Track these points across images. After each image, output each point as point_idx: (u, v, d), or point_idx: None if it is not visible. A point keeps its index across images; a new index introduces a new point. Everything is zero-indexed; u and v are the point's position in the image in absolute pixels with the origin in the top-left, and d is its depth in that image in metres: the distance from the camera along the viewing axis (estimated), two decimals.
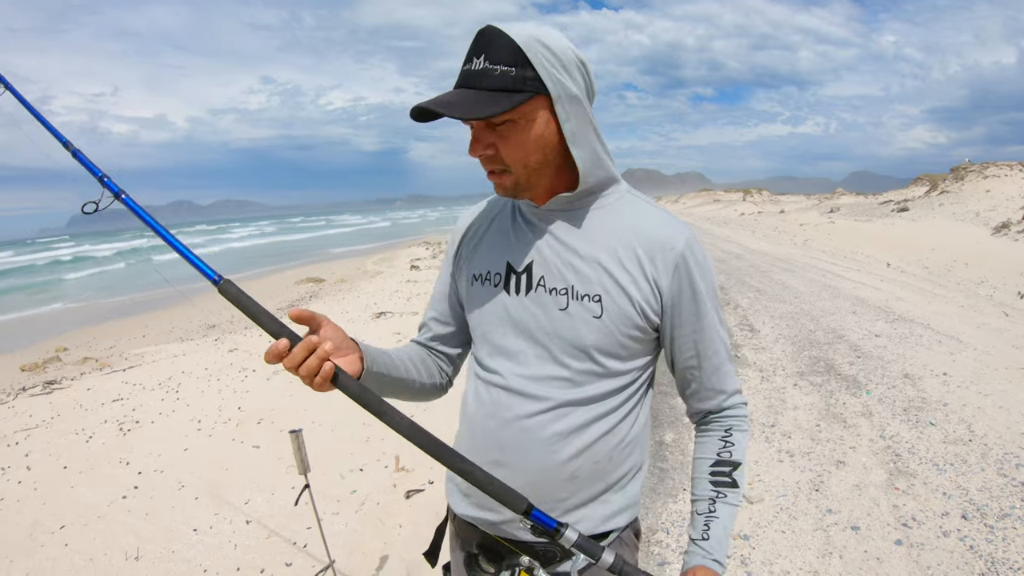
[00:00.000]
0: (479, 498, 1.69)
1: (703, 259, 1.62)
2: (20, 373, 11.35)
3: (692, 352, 1.66)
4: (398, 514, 4.64)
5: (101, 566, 4.25)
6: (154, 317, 16.36)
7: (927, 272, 15.08)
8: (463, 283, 1.83)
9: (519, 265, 1.67)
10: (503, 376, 1.67)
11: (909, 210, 31.65)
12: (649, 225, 1.60)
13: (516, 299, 1.66)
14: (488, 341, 1.73)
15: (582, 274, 1.58)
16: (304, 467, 3.26)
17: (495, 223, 1.79)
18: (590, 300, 1.57)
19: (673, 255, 1.57)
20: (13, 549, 4.53)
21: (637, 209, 1.64)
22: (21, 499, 5.33)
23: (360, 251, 36.50)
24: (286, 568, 4.09)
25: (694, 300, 1.60)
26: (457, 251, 1.87)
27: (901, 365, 7.47)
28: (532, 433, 1.62)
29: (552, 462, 1.60)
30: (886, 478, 4.82)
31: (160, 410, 7.50)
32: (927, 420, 5.82)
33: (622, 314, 1.57)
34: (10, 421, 7.66)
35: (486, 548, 1.75)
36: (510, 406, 1.65)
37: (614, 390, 1.64)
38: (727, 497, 1.65)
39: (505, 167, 1.54)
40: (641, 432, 1.74)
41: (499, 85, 1.42)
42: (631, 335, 1.60)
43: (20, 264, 49.55)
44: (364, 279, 20.40)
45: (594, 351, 1.59)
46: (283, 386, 7.88)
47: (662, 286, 1.58)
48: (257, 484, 5.27)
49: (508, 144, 1.50)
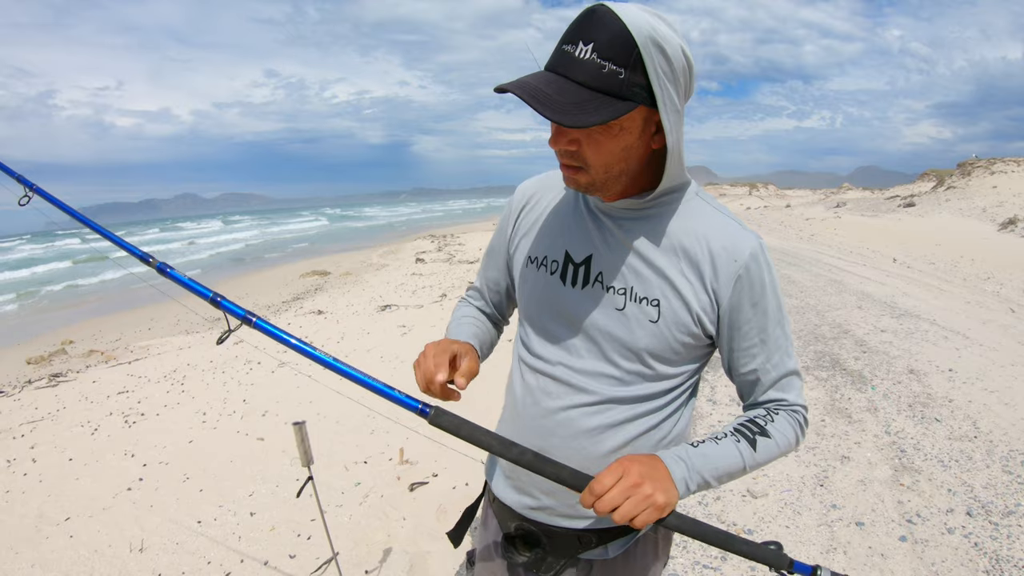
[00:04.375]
0: (521, 482, 1.73)
1: (768, 271, 1.56)
2: (26, 366, 11.39)
3: (751, 367, 1.63)
4: (402, 507, 4.63)
5: (106, 558, 4.26)
6: (159, 310, 16.34)
7: (933, 268, 15.02)
8: (517, 261, 1.81)
9: (578, 256, 1.63)
10: (550, 364, 1.67)
11: (915, 205, 31.55)
12: (714, 233, 1.54)
13: (572, 291, 1.63)
14: (538, 327, 1.72)
15: (643, 277, 1.55)
16: (307, 459, 3.24)
17: (557, 203, 1.75)
18: (648, 304, 1.55)
19: (736, 267, 1.52)
20: (19, 541, 4.53)
21: (704, 215, 1.58)
22: (27, 491, 5.34)
23: (365, 244, 36.45)
24: (290, 560, 4.10)
25: (755, 313, 1.56)
26: (515, 222, 1.84)
27: (907, 360, 7.44)
28: (575, 424, 1.63)
29: (593, 454, 1.61)
30: (891, 474, 4.81)
31: (165, 402, 7.51)
32: (932, 416, 5.80)
33: (678, 321, 1.54)
34: (16, 414, 7.67)
35: (523, 532, 1.76)
36: (555, 395, 1.65)
37: (660, 392, 1.63)
38: (740, 443, 1.55)
39: (584, 166, 1.45)
40: (682, 433, 1.73)
41: (604, 86, 1.30)
42: (684, 342, 1.57)
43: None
44: (369, 272, 20.42)
45: (646, 354, 1.57)
46: (288, 379, 7.88)
47: (721, 297, 1.54)
48: (261, 476, 5.27)
49: (595, 148, 1.41)
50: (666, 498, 1.39)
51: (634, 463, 1.41)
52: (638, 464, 1.41)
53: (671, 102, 1.35)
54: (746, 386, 1.67)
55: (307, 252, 34.31)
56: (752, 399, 1.68)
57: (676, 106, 1.37)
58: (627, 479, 1.38)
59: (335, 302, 13.82)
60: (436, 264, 19.60)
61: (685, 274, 1.53)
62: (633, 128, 1.39)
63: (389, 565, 3.96)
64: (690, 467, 1.48)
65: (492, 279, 1.97)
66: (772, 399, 1.65)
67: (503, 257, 1.91)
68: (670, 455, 1.49)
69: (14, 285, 28.28)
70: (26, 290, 25.98)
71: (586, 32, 1.29)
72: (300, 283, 19.67)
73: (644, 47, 1.28)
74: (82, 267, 31.80)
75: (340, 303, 13.55)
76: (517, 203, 1.85)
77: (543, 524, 1.72)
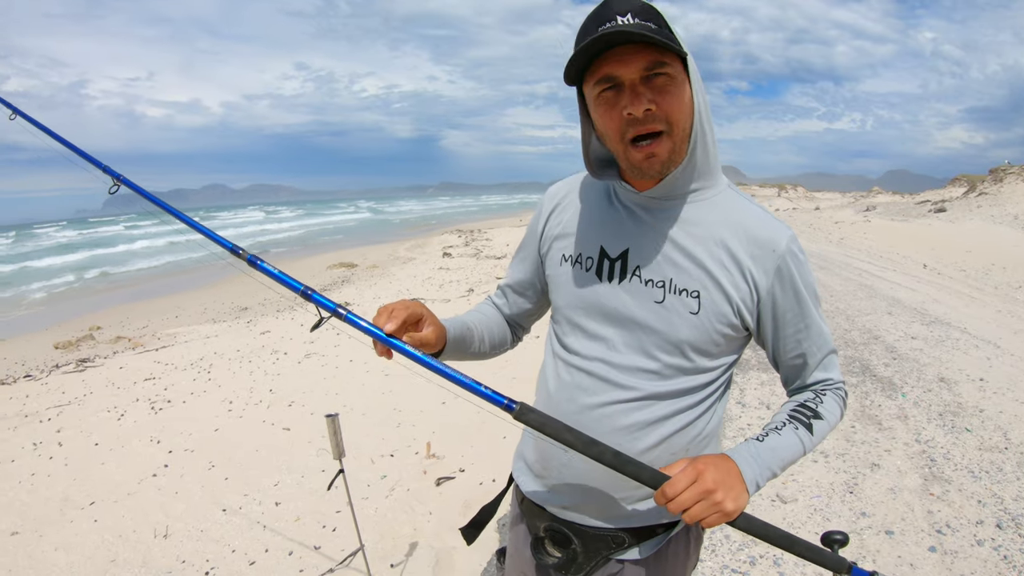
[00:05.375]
0: (552, 481, 1.72)
1: (803, 259, 1.59)
2: (54, 350, 11.47)
3: (797, 351, 1.65)
4: (428, 501, 4.62)
5: (130, 543, 4.27)
6: (187, 298, 16.48)
7: (964, 275, 14.87)
8: (551, 261, 1.80)
9: (614, 251, 1.63)
10: (588, 360, 1.66)
11: (947, 211, 31.25)
12: (751, 224, 1.56)
13: (609, 286, 1.63)
14: (574, 324, 1.71)
15: (681, 268, 1.55)
16: (339, 452, 3.23)
17: (588, 202, 1.74)
18: (688, 295, 1.54)
19: (775, 257, 1.54)
20: (43, 524, 4.56)
21: (739, 206, 1.59)
22: (52, 474, 5.38)
23: (393, 237, 36.52)
24: (315, 551, 4.08)
25: (797, 301, 1.58)
26: (545, 223, 1.84)
27: (937, 368, 7.34)
28: (612, 421, 1.61)
29: (629, 451, 1.55)
30: (921, 483, 4.73)
31: (192, 390, 7.54)
32: (963, 426, 5.71)
33: (719, 312, 1.54)
34: (43, 397, 7.74)
35: (554, 532, 1.75)
36: (593, 391, 1.64)
37: (698, 386, 1.62)
38: (798, 430, 1.58)
39: (666, 126, 1.44)
40: (716, 430, 1.73)
41: (659, 34, 1.34)
42: (725, 333, 1.57)
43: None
44: (396, 265, 20.45)
45: (687, 346, 1.57)
46: (315, 369, 7.90)
47: (761, 288, 1.55)
48: (287, 466, 5.27)
49: (669, 98, 1.41)
50: (735, 505, 1.40)
51: (709, 467, 1.40)
52: (713, 469, 1.41)
53: (694, 64, 1.44)
54: (793, 370, 1.70)
55: (334, 244, 34.42)
56: (799, 382, 1.71)
57: (696, 71, 1.45)
58: (700, 484, 1.37)
59: (362, 294, 13.83)
60: (463, 259, 19.60)
61: (724, 265, 1.53)
62: (683, 80, 1.43)
63: (415, 559, 3.94)
64: (760, 464, 1.50)
65: (517, 280, 1.96)
66: (818, 380, 1.69)
67: (532, 259, 1.90)
68: (742, 454, 1.50)
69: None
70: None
71: (615, 9, 1.36)
72: (327, 274, 19.72)
73: (662, 12, 1.37)
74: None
75: (367, 295, 13.56)
76: (547, 204, 1.85)
77: (575, 524, 1.71)
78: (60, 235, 60.14)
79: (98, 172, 1.93)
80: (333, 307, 1.51)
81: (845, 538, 1.49)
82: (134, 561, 4.08)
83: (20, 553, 4.23)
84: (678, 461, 1.44)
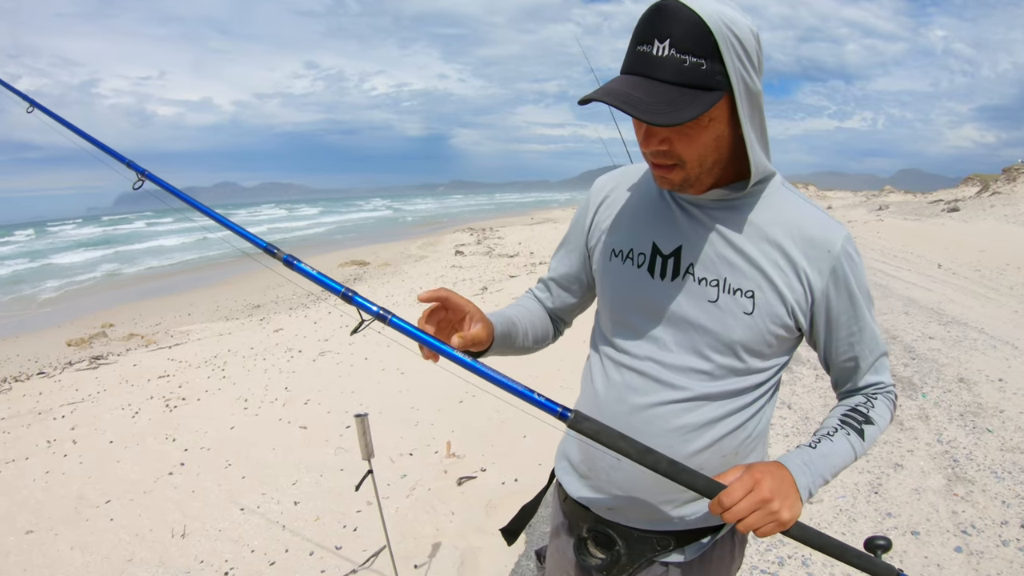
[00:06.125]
0: (598, 481, 1.67)
1: (858, 261, 1.54)
2: (67, 348, 11.48)
3: (850, 355, 1.60)
4: (450, 501, 4.57)
5: (147, 542, 4.24)
6: (199, 295, 16.51)
7: (979, 275, 14.76)
8: (599, 255, 1.73)
9: (666, 248, 1.58)
10: (638, 359, 1.61)
11: (960, 210, 31.11)
12: (806, 223, 1.51)
13: (661, 284, 1.57)
14: (623, 321, 1.65)
15: (736, 267, 1.50)
16: (368, 452, 3.20)
17: (639, 195, 1.68)
18: (742, 295, 1.50)
19: (830, 257, 1.49)
20: (58, 522, 4.55)
21: (792, 205, 1.54)
22: (67, 472, 5.37)
23: (404, 235, 36.55)
24: (336, 552, 4.05)
25: (851, 303, 1.53)
26: (593, 216, 1.77)
27: (956, 369, 7.29)
28: (663, 422, 1.56)
29: (680, 453, 1.52)
30: (944, 483, 4.69)
31: (206, 387, 7.53)
32: (984, 426, 5.66)
33: (773, 313, 1.50)
34: (56, 395, 7.74)
35: (597, 533, 1.70)
36: (643, 391, 1.59)
37: (750, 387, 1.58)
38: (850, 435, 1.53)
39: (678, 162, 1.41)
40: (765, 431, 1.69)
41: (689, 80, 1.28)
42: (778, 334, 1.53)
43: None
44: (408, 263, 20.46)
45: (740, 347, 1.52)
46: (330, 367, 7.88)
47: (815, 288, 1.50)
48: (305, 465, 5.24)
49: (688, 143, 1.37)
50: (791, 514, 1.37)
51: (765, 476, 1.37)
52: (769, 478, 1.37)
53: (748, 88, 1.35)
54: (845, 373, 1.65)
55: (346, 242, 34.45)
56: (850, 385, 1.67)
57: (754, 89, 1.36)
58: (757, 493, 1.34)
59: (374, 292, 13.80)
60: (475, 257, 19.59)
61: (779, 265, 1.49)
62: (722, 116, 1.36)
63: (439, 560, 3.90)
64: (813, 472, 1.46)
65: (563, 275, 1.90)
66: (870, 383, 1.64)
67: (579, 253, 1.84)
68: (795, 462, 1.46)
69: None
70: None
71: (660, 29, 1.28)
72: (339, 272, 19.73)
73: (720, 33, 1.27)
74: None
75: (380, 293, 13.54)
76: (595, 197, 1.79)
77: (619, 526, 1.67)
78: (79, 232, 60.36)
79: (121, 167, 1.90)
80: (377, 311, 1.45)
81: (888, 543, 1.47)
82: (151, 561, 4.06)
83: (35, 552, 4.21)
84: (731, 469, 1.41)
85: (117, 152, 1.91)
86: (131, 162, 1.91)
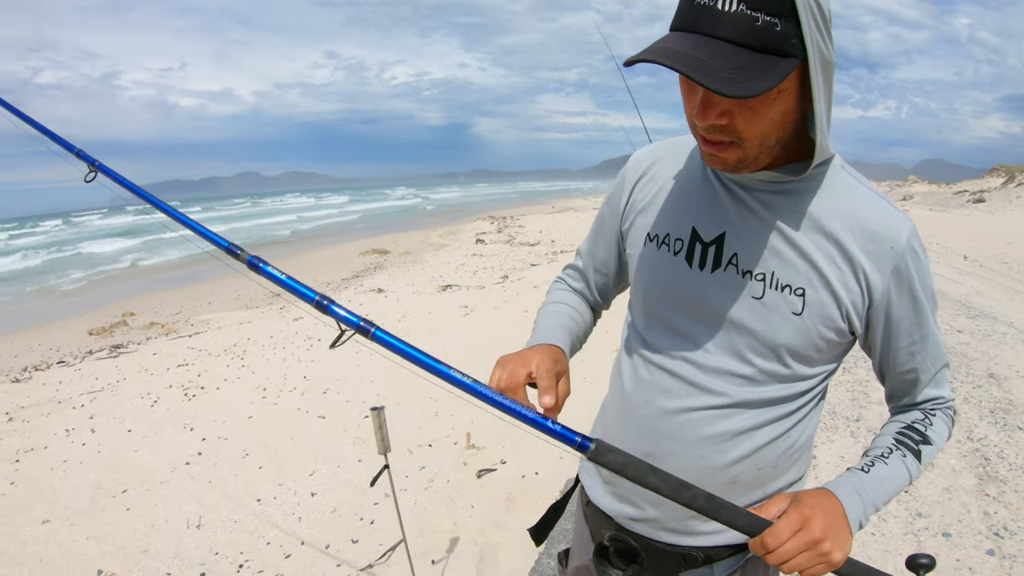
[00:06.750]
0: (623, 488, 1.50)
1: (924, 258, 1.33)
2: (87, 337, 11.51)
3: (910, 366, 1.40)
4: (469, 494, 4.48)
5: (162, 533, 4.19)
6: (219, 284, 16.49)
7: (1006, 267, 14.51)
8: (633, 239, 1.55)
9: (708, 234, 1.38)
10: (671, 359, 1.44)
11: (985, 201, 30.79)
12: (867, 214, 1.30)
13: (700, 275, 1.39)
14: (656, 315, 1.48)
15: (786, 261, 1.31)
16: (385, 446, 3.05)
17: (680, 174, 1.48)
18: (791, 293, 1.31)
19: (893, 254, 1.28)
20: (75, 512, 4.51)
21: (854, 192, 1.33)
22: (84, 461, 5.33)
23: (424, 224, 36.54)
24: (352, 545, 3.97)
25: (914, 308, 1.33)
26: (629, 195, 1.57)
27: (986, 364, 7.10)
28: (696, 428, 1.40)
29: (713, 463, 1.39)
30: (976, 483, 4.54)
31: (225, 376, 7.49)
32: (1015, 424, 5.49)
33: (825, 315, 1.31)
34: (76, 383, 7.72)
35: (619, 542, 1.53)
36: (675, 395, 1.42)
37: (794, 395, 1.39)
38: (906, 457, 1.34)
39: (736, 140, 1.19)
40: (809, 441, 1.51)
41: (762, 42, 1.06)
42: (828, 338, 1.33)
43: None
44: (429, 251, 20.40)
45: (785, 351, 1.34)
46: (349, 357, 7.80)
47: (875, 289, 1.30)
48: (323, 456, 5.18)
49: (751, 117, 1.15)
50: (843, 554, 1.21)
51: (815, 512, 1.21)
52: (820, 514, 1.21)
53: (823, 56, 1.12)
54: (903, 386, 1.45)
55: (367, 230, 34.47)
56: (908, 400, 1.46)
57: (827, 58, 1.13)
58: (807, 533, 1.19)
59: (395, 281, 13.76)
60: (496, 245, 19.50)
61: (835, 260, 1.29)
62: (792, 88, 1.15)
63: (457, 555, 3.80)
64: (865, 500, 1.29)
65: (600, 259, 1.71)
66: (930, 397, 1.44)
67: (614, 235, 1.64)
68: (846, 490, 1.29)
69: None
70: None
71: None
72: (359, 261, 19.71)
73: None
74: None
75: (400, 282, 13.49)
76: (632, 173, 1.58)
77: (644, 538, 1.51)
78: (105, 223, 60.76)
79: (71, 157, 1.67)
80: (357, 322, 1.28)
81: (932, 562, 1.31)
82: (166, 552, 4.00)
83: (51, 542, 4.17)
84: (774, 499, 1.28)
85: (64, 139, 1.68)
86: (80, 151, 1.70)
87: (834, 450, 4.94)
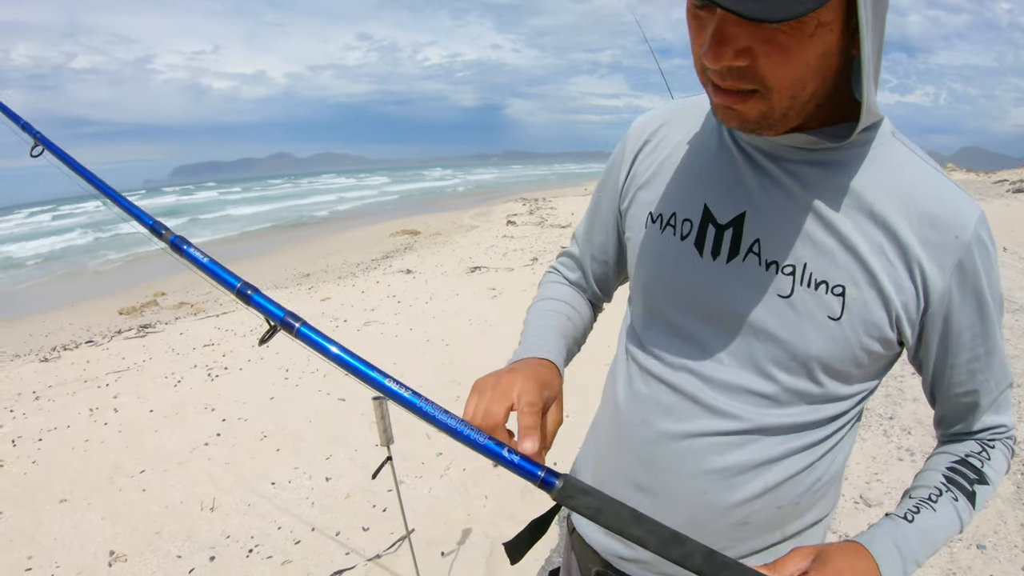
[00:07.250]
0: None
1: (993, 252, 1.05)
2: (118, 316, 11.58)
3: (969, 387, 1.13)
4: (484, 484, 4.41)
5: (176, 515, 4.18)
6: (250, 264, 16.53)
7: None
8: (633, 219, 1.28)
9: (723, 215, 1.12)
10: (673, 370, 1.18)
11: None
12: (925, 195, 1.02)
13: (712, 265, 1.12)
14: (657, 313, 1.22)
15: (822, 250, 1.04)
16: (387, 438, 2.88)
17: (691, 140, 1.20)
18: (828, 291, 1.04)
19: (958, 245, 1.00)
20: (92, 492, 4.52)
21: (909, 166, 1.05)
22: (105, 441, 5.34)
23: (456, 205, 36.47)
24: (363, 533, 3.92)
25: (979, 314, 1.06)
26: (630, 167, 1.30)
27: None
28: (702, 460, 1.15)
29: (721, 501, 1.15)
30: (1014, 491, 4.35)
31: (249, 357, 7.48)
32: None
33: (868, 320, 1.04)
34: (103, 363, 7.75)
35: None
36: (677, 415, 1.17)
37: (824, 419, 1.14)
38: (957, 501, 1.09)
39: (760, 88, 0.90)
40: (841, 470, 1.24)
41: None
42: (872, 350, 1.07)
43: None
44: (459, 233, 20.30)
45: (817, 365, 1.07)
46: (374, 338, 7.78)
47: (932, 290, 1.03)
48: (341, 439, 5.14)
49: (782, 57, 0.86)
50: None
51: (845, 572, 0.98)
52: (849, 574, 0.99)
53: None
54: (958, 410, 1.18)
55: (397, 211, 34.46)
56: (963, 427, 1.20)
57: None
58: None
59: (424, 262, 13.69)
60: (527, 227, 19.36)
61: (884, 252, 1.02)
62: (834, 25, 0.86)
63: (467, 548, 3.73)
64: (906, 556, 1.04)
65: (598, 244, 1.43)
66: (989, 426, 1.18)
67: (612, 215, 1.37)
68: (884, 545, 1.03)
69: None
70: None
71: None
72: (390, 241, 19.67)
73: None
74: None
75: (429, 263, 13.42)
76: (634, 142, 1.30)
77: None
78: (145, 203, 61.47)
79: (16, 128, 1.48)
80: (281, 316, 1.07)
81: None
82: (179, 534, 3.98)
83: (67, 522, 4.18)
84: (793, 555, 1.02)
85: (9, 109, 1.50)
86: (27, 124, 1.49)
87: (865, 450, 4.72)
